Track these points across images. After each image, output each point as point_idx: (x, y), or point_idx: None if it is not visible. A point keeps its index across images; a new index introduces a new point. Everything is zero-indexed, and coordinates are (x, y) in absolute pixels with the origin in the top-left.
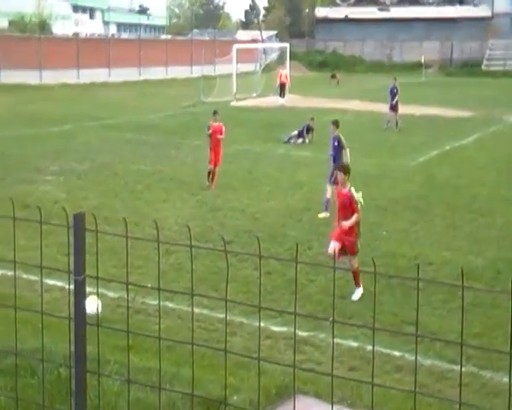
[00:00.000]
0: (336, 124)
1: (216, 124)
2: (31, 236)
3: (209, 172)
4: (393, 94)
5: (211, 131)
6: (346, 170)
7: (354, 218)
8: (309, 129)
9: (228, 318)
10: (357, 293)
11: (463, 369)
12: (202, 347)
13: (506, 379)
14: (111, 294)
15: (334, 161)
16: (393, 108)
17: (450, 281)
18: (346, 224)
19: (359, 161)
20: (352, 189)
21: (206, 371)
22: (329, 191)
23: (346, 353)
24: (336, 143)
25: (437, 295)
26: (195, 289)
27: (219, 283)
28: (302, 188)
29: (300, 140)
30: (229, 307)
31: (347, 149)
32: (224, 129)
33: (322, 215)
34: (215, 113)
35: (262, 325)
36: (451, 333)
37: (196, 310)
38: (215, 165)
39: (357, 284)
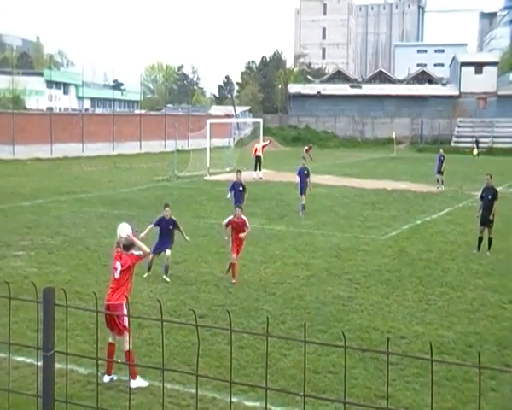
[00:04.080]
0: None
1: (238, 219)
2: (0, 312)
3: (230, 265)
4: (441, 161)
5: (229, 226)
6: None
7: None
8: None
9: (200, 393)
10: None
11: None
12: None
13: None
14: (81, 370)
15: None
16: (440, 172)
17: (421, 355)
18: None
19: (332, 234)
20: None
21: None
22: (303, 199)
23: None
24: (306, 172)
25: (410, 369)
26: (168, 364)
27: (192, 357)
28: (276, 262)
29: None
30: (201, 383)
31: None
32: (248, 223)
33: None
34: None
35: (235, 400)
36: (425, 407)
37: (168, 385)
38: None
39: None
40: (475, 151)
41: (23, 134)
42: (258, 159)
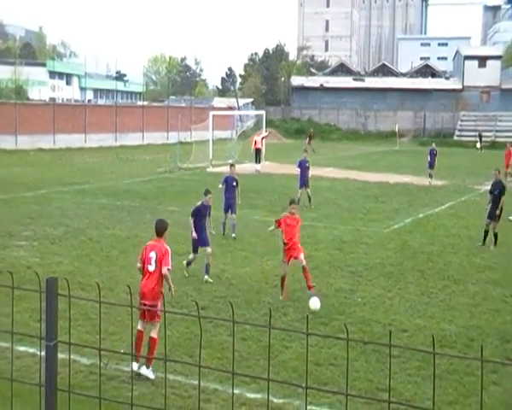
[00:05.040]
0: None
1: (292, 216)
2: (2, 301)
3: (282, 279)
4: (433, 155)
5: (281, 226)
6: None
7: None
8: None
9: (202, 384)
10: None
11: None
12: None
13: None
14: (84, 360)
15: (301, 177)
16: (432, 166)
17: (423, 348)
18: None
19: (334, 227)
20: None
21: None
22: (299, 193)
23: None
24: (307, 165)
25: (412, 362)
26: (170, 356)
27: (194, 349)
28: (278, 254)
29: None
30: (203, 374)
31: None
32: (299, 222)
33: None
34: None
35: (237, 391)
36: (426, 400)
37: (171, 377)
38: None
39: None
40: (478, 145)
41: (26, 124)
42: (257, 151)
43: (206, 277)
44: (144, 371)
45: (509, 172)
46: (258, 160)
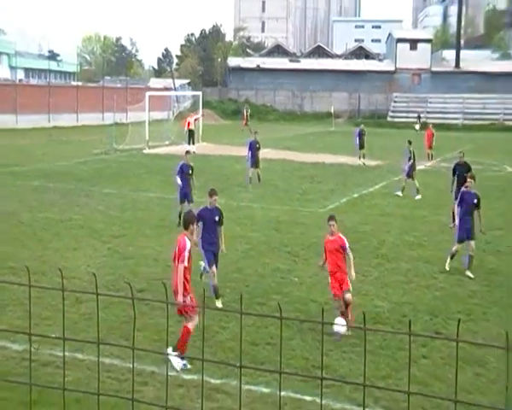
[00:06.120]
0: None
1: (332, 237)
2: None
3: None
4: (361, 135)
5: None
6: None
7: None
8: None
9: (139, 367)
10: None
11: None
12: (112, 397)
13: None
14: (15, 346)
15: (252, 157)
16: (362, 146)
17: (357, 325)
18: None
19: (271, 208)
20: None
21: None
22: (251, 172)
23: (258, 399)
24: (257, 146)
25: (346, 340)
26: (106, 339)
27: (131, 332)
28: None
29: None
30: (140, 357)
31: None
32: (347, 244)
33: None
34: None
35: (173, 373)
36: (360, 376)
37: (107, 360)
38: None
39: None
40: (417, 126)
41: None
42: (191, 132)
43: (217, 303)
44: (173, 358)
45: (430, 153)
46: (192, 141)
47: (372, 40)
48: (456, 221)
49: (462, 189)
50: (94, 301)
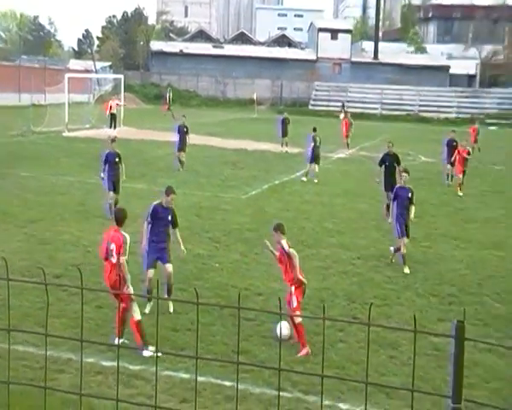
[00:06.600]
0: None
1: (280, 247)
2: None
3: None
4: (284, 124)
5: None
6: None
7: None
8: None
9: (55, 354)
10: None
11: (290, 395)
12: (26, 386)
13: (328, 402)
14: None
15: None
16: (285, 134)
17: (277, 311)
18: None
19: (193, 194)
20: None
21: None
22: (178, 156)
23: (178, 384)
24: (185, 130)
25: (266, 325)
26: (20, 326)
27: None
28: (135, 221)
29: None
30: (56, 344)
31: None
32: (289, 250)
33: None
34: None
35: (91, 360)
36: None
37: (21, 348)
38: None
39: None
40: (342, 115)
41: None
42: (112, 116)
43: (170, 308)
44: (146, 353)
45: (347, 142)
46: (113, 125)
47: (294, 29)
48: (394, 218)
49: (397, 185)
50: (5, 288)
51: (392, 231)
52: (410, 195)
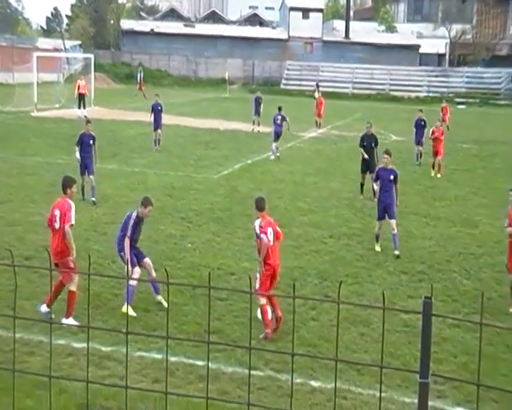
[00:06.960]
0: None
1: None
2: None
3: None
4: (258, 103)
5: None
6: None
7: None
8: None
9: (26, 337)
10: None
11: (262, 373)
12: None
13: (299, 380)
14: None
15: (155, 120)
16: (258, 113)
17: (248, 290)
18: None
19: (165, 174)
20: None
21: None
22: (154, 135)
23: (150, 365)
24: (159, 108)
25: (238, 304)
26: None
27: (18, 300)
28: (107, 201)
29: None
30: (27, 326)
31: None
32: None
33: None
34: None
35: (63, 342)
36: (252, 340)
37: None
38: None
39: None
40: (316, 94)
41: None
42: (81, 97)
43: (158, 297)
44: (65, 321)
45: (319, 121)
46: (82, 105)
47: (266, 8)
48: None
49: (379, 166)
50: None
51: (363, 209)
52: (392, 177)
